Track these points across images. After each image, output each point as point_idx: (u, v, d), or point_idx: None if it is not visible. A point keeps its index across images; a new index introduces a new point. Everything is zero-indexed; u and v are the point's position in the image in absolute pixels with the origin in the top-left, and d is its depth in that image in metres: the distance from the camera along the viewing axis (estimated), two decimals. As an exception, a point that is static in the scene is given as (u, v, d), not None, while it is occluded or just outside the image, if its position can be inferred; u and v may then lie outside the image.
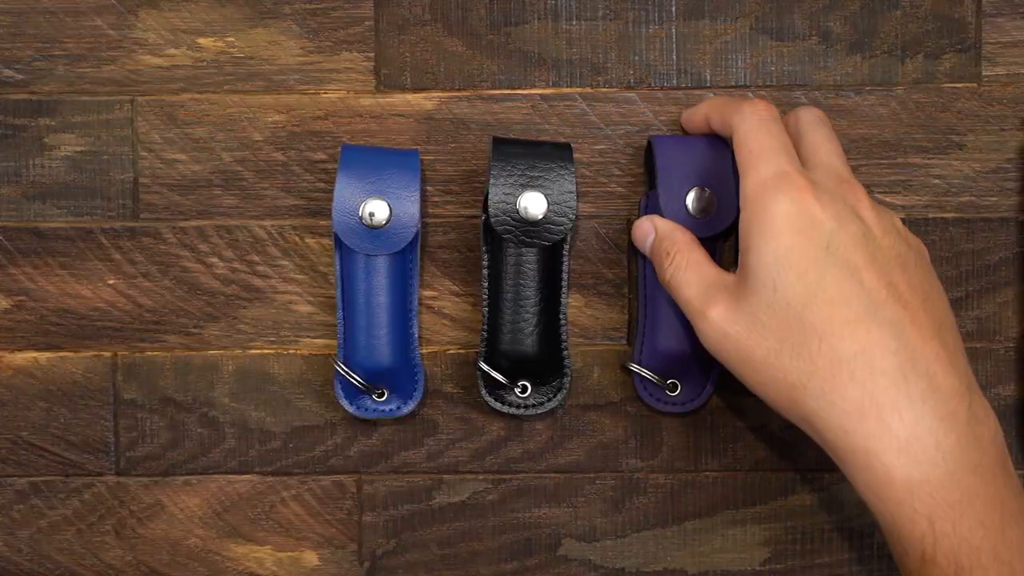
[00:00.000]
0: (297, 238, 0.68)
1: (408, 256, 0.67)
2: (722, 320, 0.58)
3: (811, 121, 0.63)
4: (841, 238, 0.57)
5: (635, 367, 0.66)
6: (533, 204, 0.64)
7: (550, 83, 0.68)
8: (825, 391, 0.55)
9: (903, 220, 0.68)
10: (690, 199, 0.65)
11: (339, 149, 0.67)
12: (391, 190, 0.65)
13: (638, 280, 0.67)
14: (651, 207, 0.66)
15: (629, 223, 0.68)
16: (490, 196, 0.64)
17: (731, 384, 0.68)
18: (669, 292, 0.62)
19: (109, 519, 0.69)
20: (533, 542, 0.69)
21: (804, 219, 0.57)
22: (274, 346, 0.68)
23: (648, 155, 0.67)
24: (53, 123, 0.68)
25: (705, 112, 0.65)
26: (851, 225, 0.57)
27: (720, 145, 0.65)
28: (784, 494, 0.69)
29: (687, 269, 0.61)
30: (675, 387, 0.67)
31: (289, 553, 0.69)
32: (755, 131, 0.60)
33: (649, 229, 0.64)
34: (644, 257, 0.66)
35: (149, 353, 0.68)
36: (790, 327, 0.56)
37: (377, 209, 0.64)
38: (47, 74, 0.68)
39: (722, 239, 0.67)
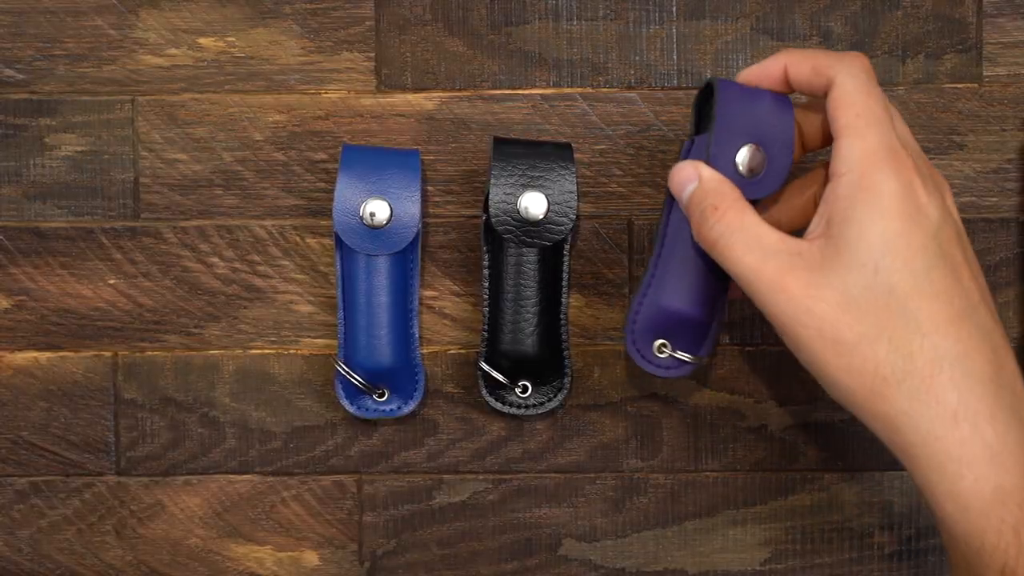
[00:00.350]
0: (298, 238, 0.68)
1: (409, 256, 0.67)
2: (806, 294, 0.53)
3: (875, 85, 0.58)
4: (945, 231, 0.54)
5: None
6: (534, 204, 0.64)
7: (551, 83, 0.68)
8: (921, 391, 0.52)
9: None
10: (742, 155, 0.59)
11: (340, 149, 0.67)
12: (392, 190, 0.65)
13: (658, 229, 0.63)
14: (695, 153, 0.61)
15: (630, 223, 0.68)
16: (491, 196, 0.64)
17: (732, 385, 0.68)
18: (710, 251, 0.57)
19: (109, 519, 0.69)
20: (533, 542, 0.69)
21: (913, 205, 0.53)
22: (275, 346, 0.68)
23: (701, 98, 0.63)
24: (54, 123, 0.68)
25: (785, 62, 0.59)
26: (950, 218, 0.55)
27: (785, 105, 0.60)
28: (784, 494, 0.69)
29: (741, 229, 0.56)
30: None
31: (289, 553, 0.69)
32: (864, 92, 0.56)
33: (692, 175, 0.58)
34: (671, 208, 0.61)
35: (150, 353, 0.68)
36: (891, 315, 0.52)
37: (378, 209, 0.64)
38: (48, 74, 0.68)
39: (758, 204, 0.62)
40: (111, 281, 0.68)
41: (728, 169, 0.59)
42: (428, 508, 0.69)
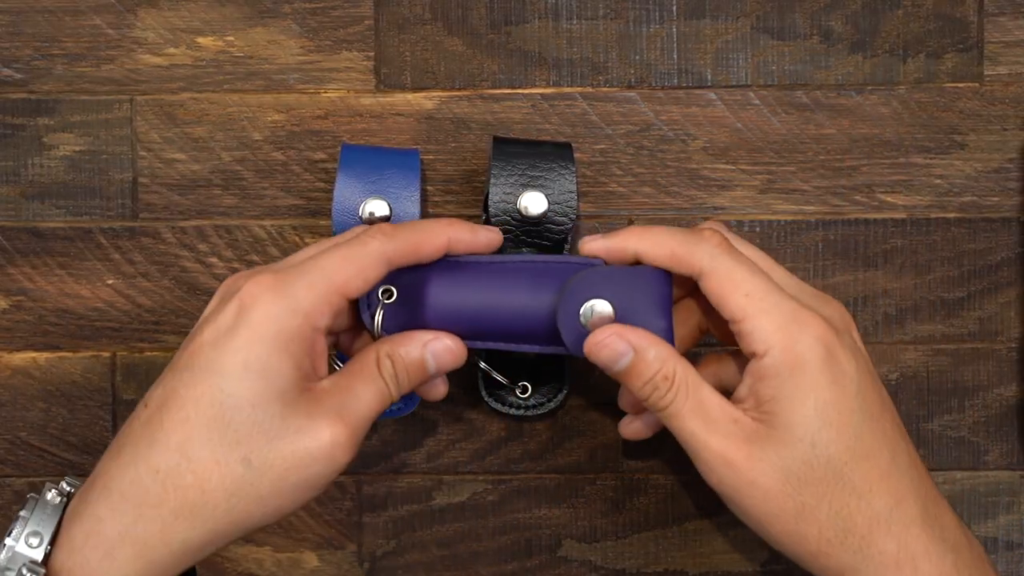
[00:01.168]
0: (297, 238, 0.68)
1: (408, 256, 0.67)
2: (748, 466, 0.54)
3: (732, 239, 0.59)
4: (862, 382, 0.55)
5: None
6: (534, 204, 0.64)
7: (551, 82, 0.68)
8: (862, 547, 0.54)
9: (905, 221, 0.68)
10: (588, 309, 0.58)
11: (339, 149, 0.67)
12: (391, 190, 0.65)
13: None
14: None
15: (630, 223, 0.68)
16: (490, 196, 0.64)
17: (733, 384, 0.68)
18: (660, 416, 0.57)
19: (108, 520, 0.69)
20: (533, 543, 0.69)
21: (836, 369, 0.55)
22: (274, 346, 0.68)
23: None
24: (52, 122, 0.68)
25: (636, 248, 0.58)
26: (859, 360, 0.56)
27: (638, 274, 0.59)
28: (785, 495, 0.69)
29: (690, 397, 0.56)
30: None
31: (288, 554, 0.69)
32: (739, 270, 0.56)
33: (624, 349, 0.57)
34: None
35: (148, 353, 0.68)
36: (829, 485, 0.54)
37: (377, 209, 0.64)
38: (46, 73, 0.68)
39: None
40: (109, 281, 0.68)
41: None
42: (428, 509, 0.69)
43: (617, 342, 0.57)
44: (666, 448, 0.69)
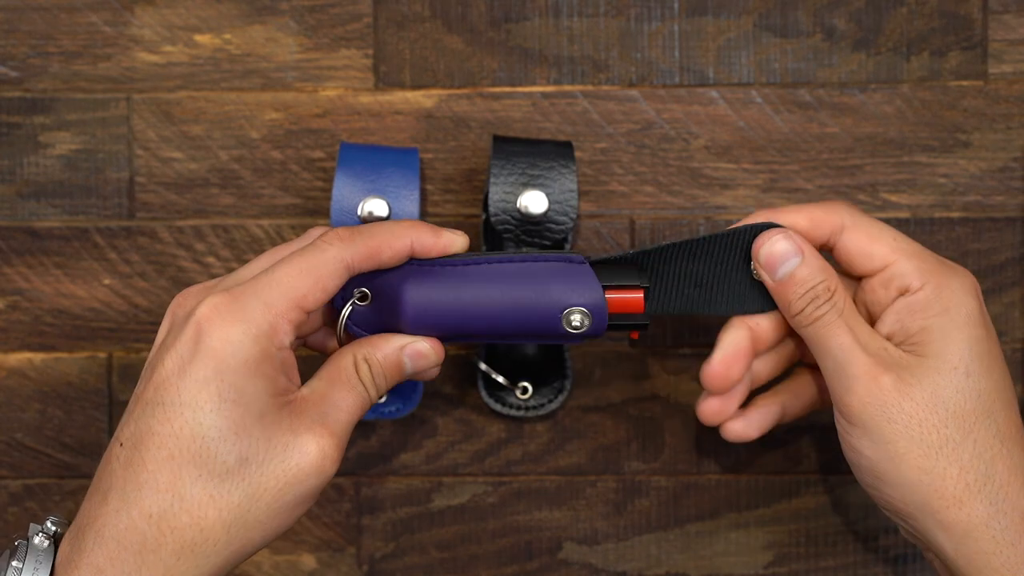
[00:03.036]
0: (295, 237, 0.68)
1: (407, 256, 0.66)
2: (897, 388, 0.54)
3: (863, 214, 0.59)
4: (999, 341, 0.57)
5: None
6: (534, 203, 0.64)
7: (551, 80, 0.68)
8: (999, 498, 0.54)
9: (909, 220, 0.67)
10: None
11: (337, 147, 0.67)
12: (390, 189, 0.64)
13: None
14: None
15: (631, 222, 0.68)
16: (490, 195, 0.64)
17: (734, 385, 0.68)
18: (803, 328, 0.57)
19: (104, 522, 0.68)
20: (533, 545, 0.69)
21: (984, 314, 0.56)
22: (271, 347, 0.68)
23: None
24: (48, 121, 0.68)
25: (808, 218, 0.58)
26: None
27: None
28: (788, 497, 0.68)
29: (846, 312, 0.56)
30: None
31: (287, 556, 0.68)
32: (880, 223, 0.58)
33: (793, 251, 0.57)
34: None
35: (145, 354, 0.68)
36: (978, 419, 0.54)
37: (376, 208, 0.64)
38: (42, 71, 0.68)
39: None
40: (106, 281, 0.68)
41: None
42: (427, 511, 0.68)
43: (787, 243, 0.57)
44: (668, 450, 0.68)
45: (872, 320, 0.58)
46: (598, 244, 0.68)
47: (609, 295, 0.57)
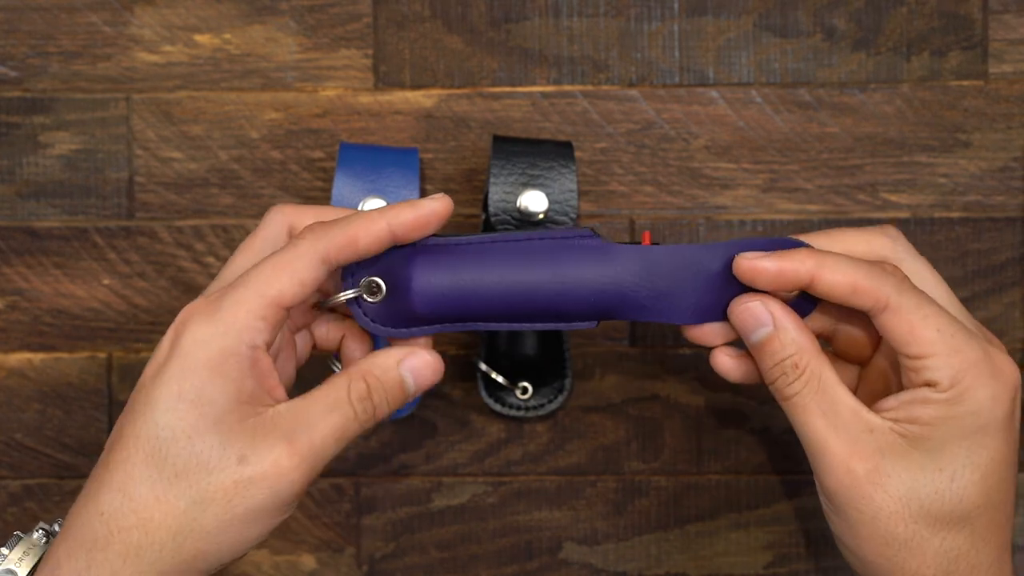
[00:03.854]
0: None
1: (407, 256, 0.66)
2: (869, 479, 0.52)
3: (909, 250, 0.56)
4: (1018, 434, 0.54)
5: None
6: (534, 203, 0.64)
7: (551, 80, 0.68)
8: None
9: (908, 220, 0.67)
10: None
11: (337, 147, 0.67)
12: (390, 189, 0.64)
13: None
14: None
15: (631, 222, 0.68)
16: (490, 195, 0.64)
17: (734, 386, 0.68)
18: (783, 406, 0.54)
19: (104, 522, 0.68)
20: (533, 545, 0.68)
21: (1011, 421, 0.53)
22: (271, 347, 0.68)
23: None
24: (47, 121, 0.68)
25: (813, 273, 0.53)
26: (1020, 412, 0.54)
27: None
28: (787, 497, 0.68)
29: (819, 392, 0.53)
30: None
31: (287, 556, 0.68)
32: (927, 305, 0.53)
33: (765, 318, 0.54)
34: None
35: (144, 354, 0.68)
36: (950, 523, 0.53)
37: (375, 208, 0.64)
38: (41, 71, 0.68)
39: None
40: (105, 281, 0.68)
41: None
42: (427, 511, 0.68)
43: (760, 311, 0.54)
44: (668, 450, 0.68)
45: (892, 385, 0.56)
46: (598, 244, 0.68)
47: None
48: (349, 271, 0.54)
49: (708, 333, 0.57)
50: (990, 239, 0.68)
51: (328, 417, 0.51)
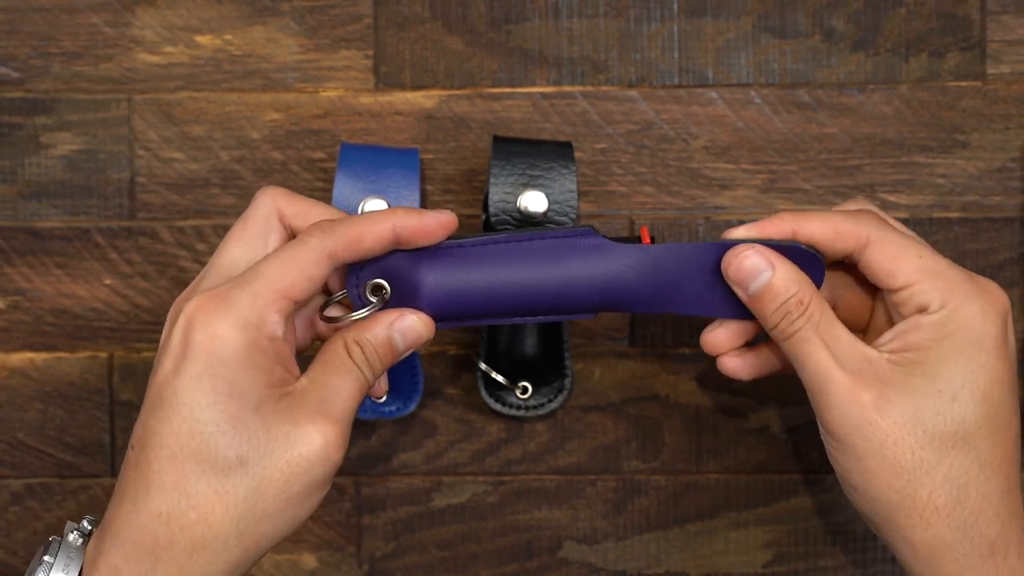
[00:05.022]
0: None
1: (407, 256, 0.66)
2: (874, 406, 0.53)
3: (889, 221, 0.58)
4: (1015, 357, 0.55)
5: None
6: (534, 203, 0.64)
7: (551, 81, 0.68)
8: (969, 523, 0.53)
9: (907, 220, 0.68)
10: None
11: (338, 148, 0.67)
12: (390, 189, 0.64)
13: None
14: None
15: (631, 222, 0.68)
16: (490, 195, 0.64)
17: (733, 386, 0.68)
18: (783, 342, 0.55)
19: (105, 521, 0.68)
20: (533, 544, 0.69)
21: (1004, 339, 0.54)
22: (272, 347, 0.68)
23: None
24: (49, 121, 0.68)
25: (794, 227, 0.56)
26: (1014, 339, 0.55)
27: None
28: (787, 496, 0.68)
29: (820, 326, 0.54)
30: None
31: (287, 556, 0.68)
32: (906, 237, 0.55)
33: (763, 264, 0.55)
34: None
35: (146, 354, 0.68)
36: (955, 445, 0.53)
37: (376, 208, 0.64)
38: (43, 72, 0.68)
39: None
40: (107, 281, 0.68)
41: None
42: (427, 510, 0.68)
43: (757, 259, 0.55)
44: (667, 449, 0.68)
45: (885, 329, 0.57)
46: (598, 244, 0.68)
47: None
48: (354, 270, 0.55)
49: (721, 340, 0.58)
50: (988, 239, 0.68)
51: (346, 383, 0.54)
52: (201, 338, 0.51)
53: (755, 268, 0.55)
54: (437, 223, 0.55)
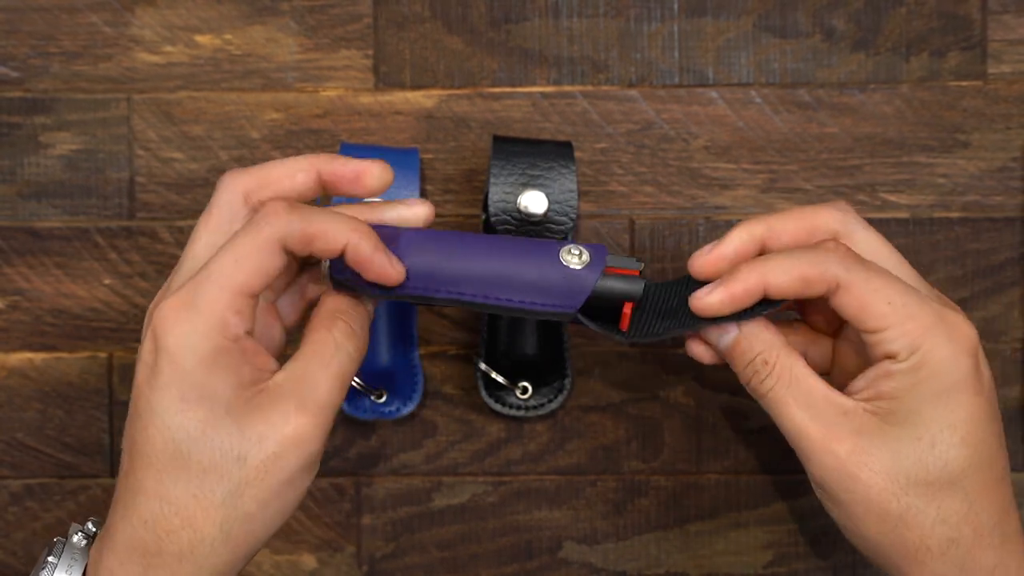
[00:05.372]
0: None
1: (407, 256, 0.66)
2: (852, 460, 0.52)
3: (859, 222, 0.56)
4: (993, 387, 0.54)
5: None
6: (534, 203, 0.64)
7: (551, 81, 0.68)
8: (964, 559, 0.53)
9: (908, 220, 0.68)
10: None
11: (338, 147, 0.67)
12: (390, 189, 0.64)
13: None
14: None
15: (631, 222, 0.68)
16: (490, 195, 0.64)
17: (734, 386, 0.68)
18: (758, 400, 0.55)
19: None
20: (533, 545, 0.68)
21: (978, 375, 0.53)
22: (272, 347, 0.68)
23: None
24: (48, 121, 0.68)
25: (759, 285, 0.54)
26: (988, 370, 0.54)
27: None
28: (787, 497, 0.68)
29: (792, 383, 0.54)
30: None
31: (287, 556, 0.68)
32: (876, 278, 0.53)
33: (728, 325, 0.55)
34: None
35: (145, 354, 0.68)
36: (941, 488, 0.52)
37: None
38: (43, 71, 0.68)
39: None
40: (106, 281, 0.68)
41: None
42: (427, 510, 0.68)
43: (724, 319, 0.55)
44: (668, 450, 0.68)
45: (858, 368, 0.56)
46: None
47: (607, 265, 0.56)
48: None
49: (702, 350, 0.58)
50: (989, 239, 0.68)
51: (326, 369, 0.53)
52: (166, 346, 0.51)
53: (720, 328, 0.55)
54: (385, 266, 0.53)
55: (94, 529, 0.55)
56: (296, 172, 0.55)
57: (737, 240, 0.55)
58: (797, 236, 0.55)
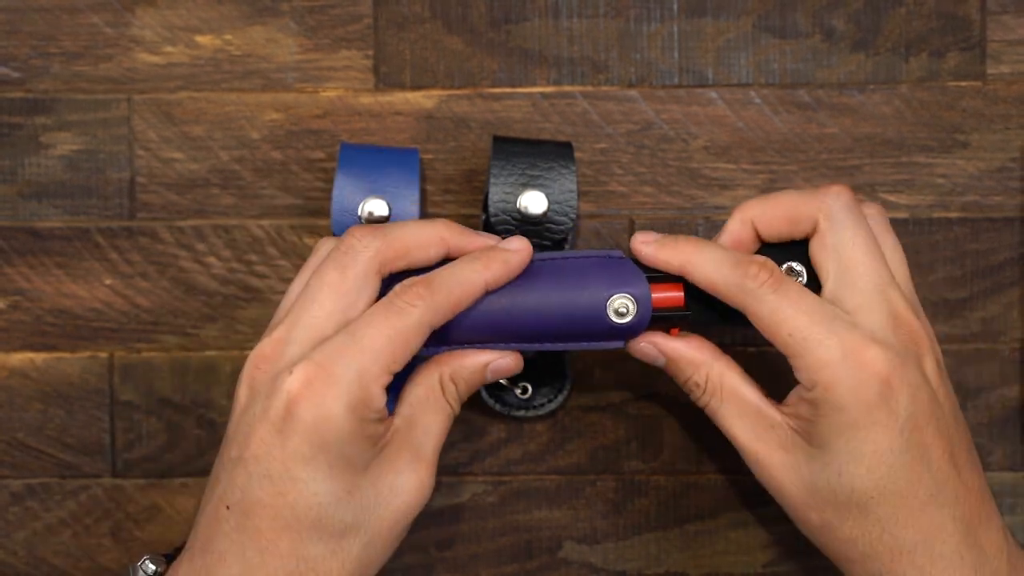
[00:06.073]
0: (295, 238, 0.68)
1: (407, 256, 0.66)
2: (779, 476, 0.57)
3: (847, 213, 0.57)
4: (916, 419, 0.54)
5: None
6: (534, 203, 0.64)
7: (551, 81, 0.68)
8: (883, 571, 0.55)
9: (907, 220, 0.68)
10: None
11: (338, 148, 0.67)
12: (390, 189, 0.64)
13: None
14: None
15: (631, 222, 0.68)
16: (490, 195, 0.64)
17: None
18: (706, 413, 0.59)
19: (105, 521, 0.68)
20: (533, 545, 0.69)
21: (884, 407, 0.53)
22: (272, 347, 0.68)
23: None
24: (49, 121, 0.68)
25: (681, 266, 0.57)
26: (918, 394, 0.54)
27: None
28: (787, 496, 0.68)
29: (725, 400, 0.58)
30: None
31: (287, 556, 0.68)
32: (781, 308, 0.55)
33: (655, 354, 0.59)
34: None
35: (146, 354, 0.68)
36: (850, 512, 0.55)
37: (376, 208, 0.64)
38: (43, 72, 0.68)
39: None
40: (107, 281, 0.68)
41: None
42: (427, 510, 0.68)
43: (649, 349, 0.59)
44: (668, 449, 0.68)
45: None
46: (598, 244, 0.68)
47: (652, 288, 0.58)
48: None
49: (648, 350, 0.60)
50: (988, 239, 0.68)
51: (435, 421, 0.57)
52: (310, 418, 0.52)
53: (649, 357, 0.59)
54: (520, 266, 0.57)
55: (153, 567, 0.56)
56: (429, 247, 0.57)
57: (733, 231, 0.59)
58: (780, 228, 0.58)
